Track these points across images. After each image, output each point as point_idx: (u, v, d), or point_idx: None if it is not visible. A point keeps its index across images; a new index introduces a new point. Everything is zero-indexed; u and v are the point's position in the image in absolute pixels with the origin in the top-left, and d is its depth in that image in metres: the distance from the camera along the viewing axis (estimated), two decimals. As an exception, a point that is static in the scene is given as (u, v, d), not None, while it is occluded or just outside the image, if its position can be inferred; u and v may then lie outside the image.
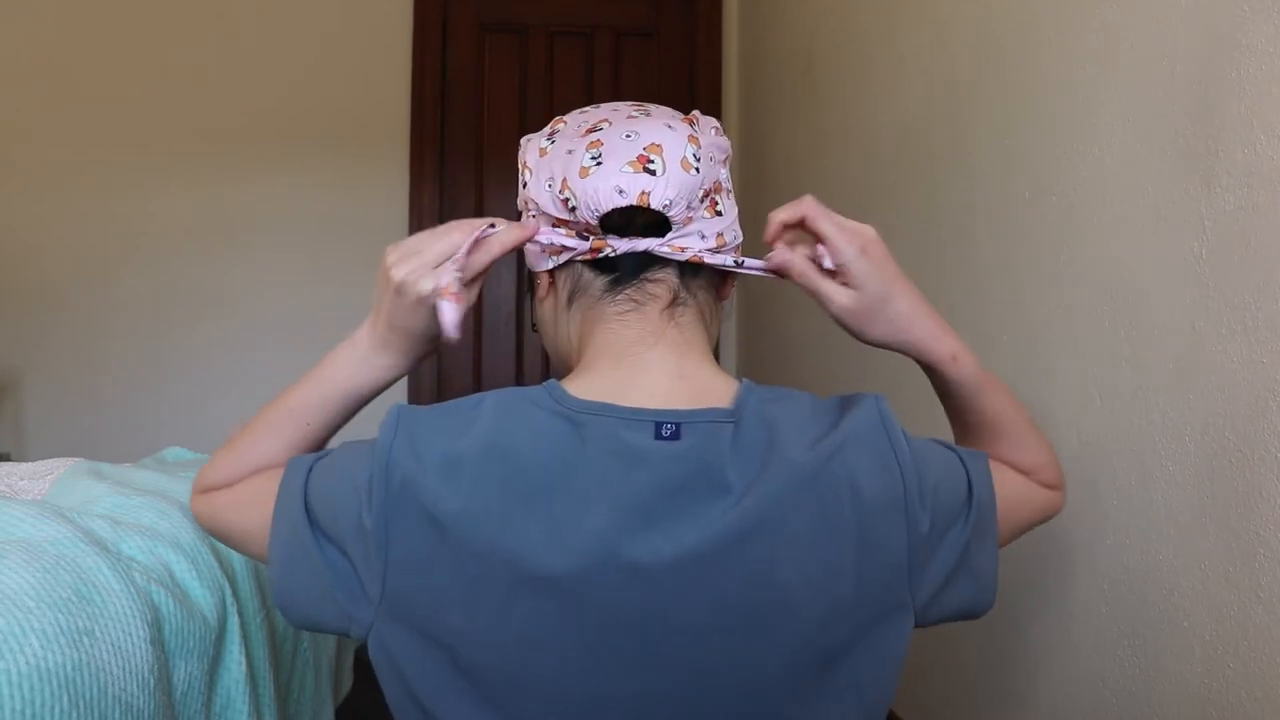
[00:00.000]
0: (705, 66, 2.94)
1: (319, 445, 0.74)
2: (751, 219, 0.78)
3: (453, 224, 0.66)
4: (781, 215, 0.67)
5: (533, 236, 0.68)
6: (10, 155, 2.72)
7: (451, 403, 0.64)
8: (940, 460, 0.67)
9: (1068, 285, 1.17)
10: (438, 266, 0.64)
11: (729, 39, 2.96)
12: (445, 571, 0.58)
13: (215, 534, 0.74)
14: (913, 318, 0.70)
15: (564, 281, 0.71)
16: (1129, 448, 1.06)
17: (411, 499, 0.58)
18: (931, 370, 0.74)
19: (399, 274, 0.65)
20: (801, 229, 0.68)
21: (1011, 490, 0.74)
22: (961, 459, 0.69)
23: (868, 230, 0.67)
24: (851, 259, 0.66)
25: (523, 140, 0.74)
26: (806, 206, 0.67)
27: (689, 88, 2.95)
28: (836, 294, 0.68)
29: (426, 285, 0.64)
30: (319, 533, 0.63)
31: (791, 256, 0.68)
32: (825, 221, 0.66)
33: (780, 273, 0.69)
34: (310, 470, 0.66)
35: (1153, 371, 1.02)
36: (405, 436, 0.60)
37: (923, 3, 1.60)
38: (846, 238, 0.66)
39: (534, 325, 0.78)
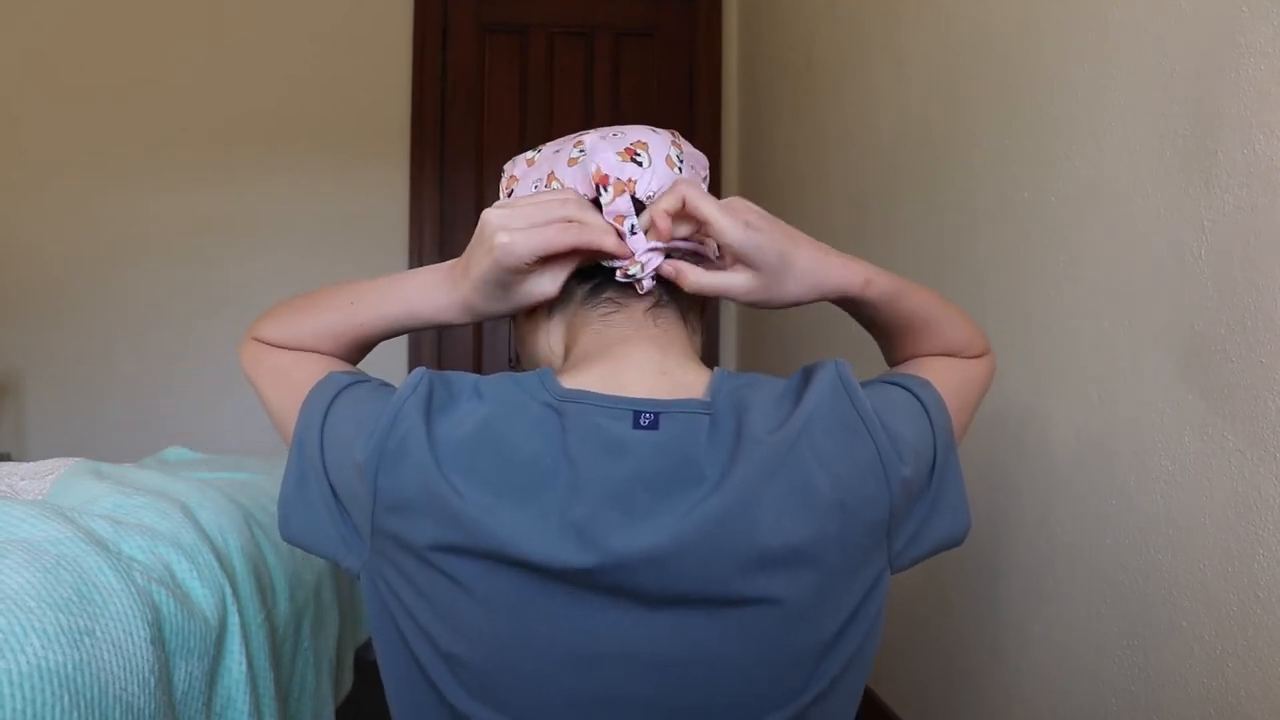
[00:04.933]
0: (705, 66, 2.94)
1: (362, 344, 0.76)
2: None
3: (566, 222, 0.65)
4: (664, 204, 0.65)
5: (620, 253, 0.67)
6: (10, 155, 2.72)
7: (455, 382, 0.64)
8: (901, 406, 0.67)
9: (1067, 285, 1.17)
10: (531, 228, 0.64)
11: (729, 39, 2.96)
12: (428, 532, 0.59)
13: (249, 381, 0.76)
14: (819, 265, 0.69)
15: None
16: (1129, 448, 1.06)
17: (408, 454, 0.59)
18: (851, 303, 0.74)
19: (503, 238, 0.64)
20: (683, 215, 0.66)
21: (956, 385, 0.73)
22: (914, 393, 0.69)
23: (736, 202, 0.66)
24: (740, 238, 0.65)
25: (505, 165, 0.76)
26: (683, 190, 0.65)
27: (689, 88, 2.95)
28: (735, 282, 0.68)
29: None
30: (325, 465, 0.64)
31: (681, 266, 0.67)
32: (705, 205, 0.65)
33: (673, 280, 0.68)
34: (336, 397, 0.67)
35: (1153, 371, 1.02)
36: (421, 400, 0.61)
37: (923, 3, 1.60)
38: (729, 218, 0.64)
39: (513, 359, 0.79)
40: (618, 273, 0.67)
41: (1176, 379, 0.98)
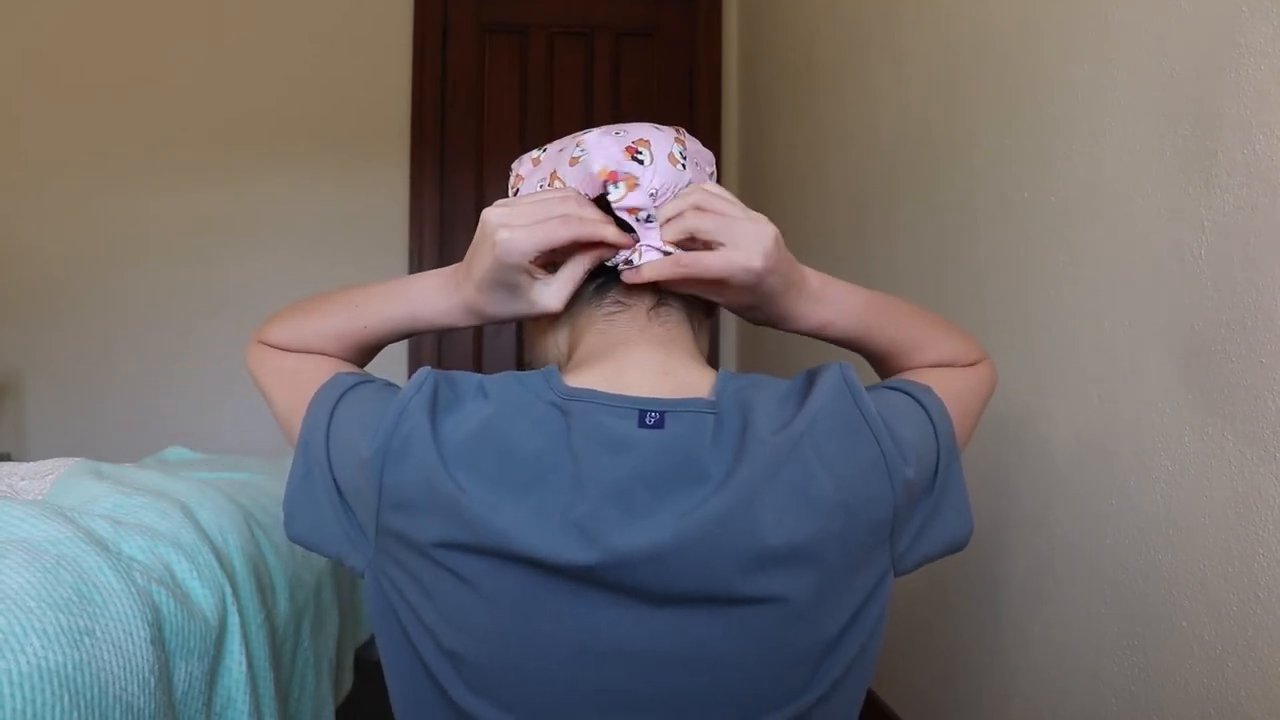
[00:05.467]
0: (705, 66, 2.94)
1: (367, 346, 0.76)
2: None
3: (561, 217, 0.65)
4: (669, 233, 0.67)
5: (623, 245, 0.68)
6: (10, 155, 2.72)
7: (460, 381, 0.64)
8: (903, 410, 0.67)
9: (1067, 285, 1.17)
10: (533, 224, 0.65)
11: (729, 39, 2.96)
12: (433, 530, 0.59)
13: (255, 384, 0.77)
14: (786, 309, 0.71)
15: None
16: (1129, 448, 1.06)
17: (413, 452, 0.60)
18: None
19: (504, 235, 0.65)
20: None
21: (957, 391, 0.74)
22: (916, 399, 0.69)
23: (767, 237, 0.66)
24: (753, 286, 0.67)
25: (513, 164, 0.77)
26: (690, 221, 0.65)
27: (689, 88, 2.95)
28: (726, 296, 0.70)
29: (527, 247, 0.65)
30: (331, 463, 0.65)
31: (674, 272, 0.68)
32: (712, 225, 0.65)
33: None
34: (342, 397, 0.67)
35: (1152, 371, 1.02)
36: (426, 399, 0.61)
37: (923, 3, 1.60)
38: (743, 273, 0.65)
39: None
40: (619, 263, 0.68)
41: (1176, 379, 0.98)
